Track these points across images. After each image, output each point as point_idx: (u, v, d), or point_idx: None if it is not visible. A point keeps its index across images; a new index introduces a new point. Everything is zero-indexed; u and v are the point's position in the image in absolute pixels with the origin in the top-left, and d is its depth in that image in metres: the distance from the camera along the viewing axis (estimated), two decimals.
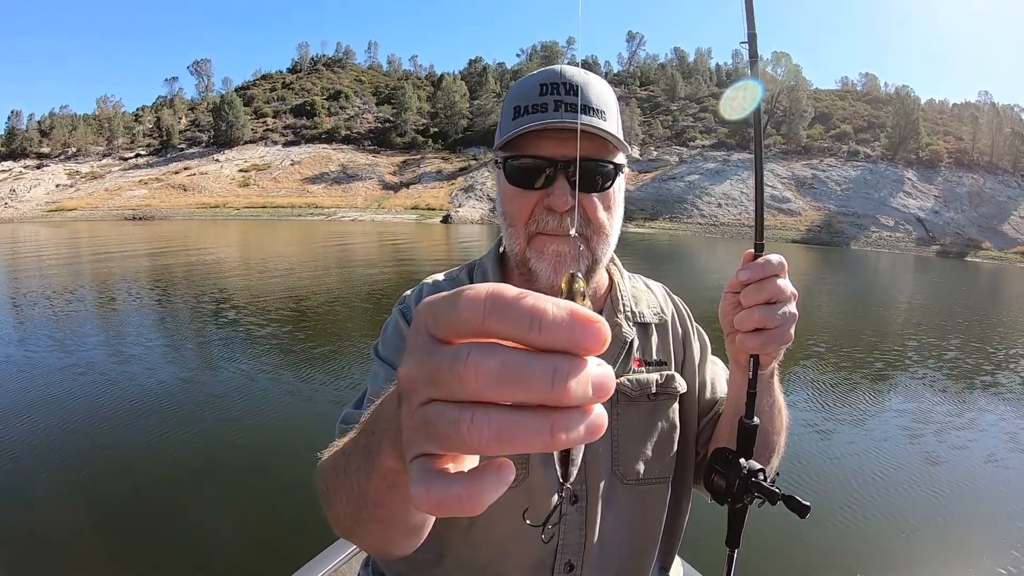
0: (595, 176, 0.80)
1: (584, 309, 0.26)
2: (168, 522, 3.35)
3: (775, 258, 0.73)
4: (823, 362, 7.54)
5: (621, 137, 0.83)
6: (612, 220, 0.84)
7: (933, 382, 6.87)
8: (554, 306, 0.26)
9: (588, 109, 0.79)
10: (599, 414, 0.27)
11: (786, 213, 49.02)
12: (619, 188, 0.85)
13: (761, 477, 0.76)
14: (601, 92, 0.82)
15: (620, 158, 0.84)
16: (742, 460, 0.76)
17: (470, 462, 0.32)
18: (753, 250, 0.76)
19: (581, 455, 0.32)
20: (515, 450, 0.26)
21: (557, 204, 0.78)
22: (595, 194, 0.81)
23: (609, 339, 0.26)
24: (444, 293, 0.28)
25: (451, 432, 0.27)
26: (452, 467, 0.30)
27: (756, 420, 0.77)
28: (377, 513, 0.51)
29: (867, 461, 4.52)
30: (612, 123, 0.81)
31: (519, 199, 0.82)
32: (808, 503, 0.72)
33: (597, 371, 0.26)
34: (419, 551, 0.80)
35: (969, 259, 39.37)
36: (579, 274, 0.29)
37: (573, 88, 0.79)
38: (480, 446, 0.26)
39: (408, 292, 0.96)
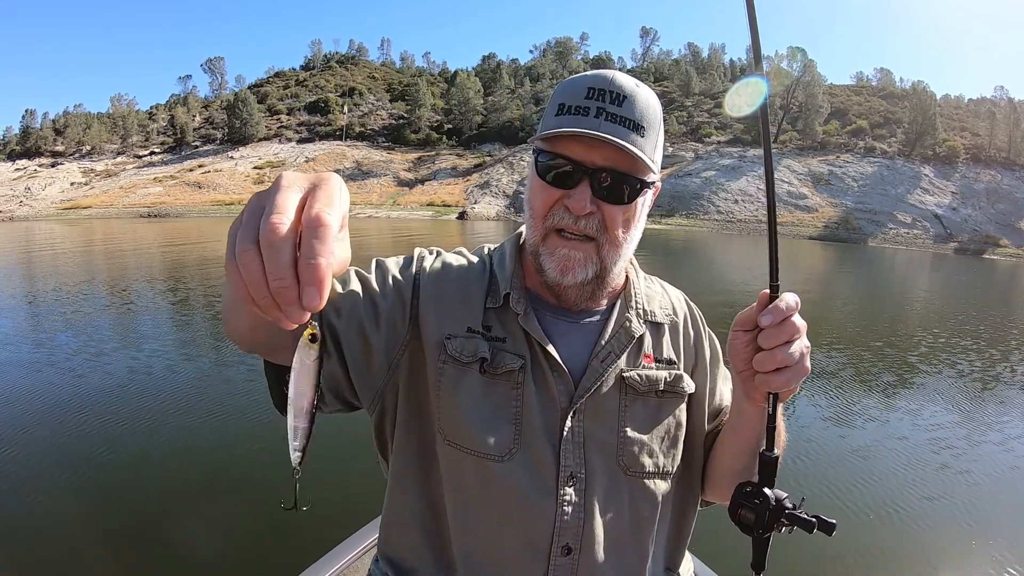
0: (621, 187, 0.81)
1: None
2: (175, 522, 3.30)
3: (792, 298, 0.73)
4: (849, 363, 7.46)
5: (658, 155, 0.84)
6: (629, 233, 0.85)
7: (968, 387, 6.61)
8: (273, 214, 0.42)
9: (628, 122, 0.79)
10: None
11: (803, 210, 48.74)
12: (643, 204, 0.85)
13: (789, 506, 0.76)
14: (647, 107, 0.81)
15: (651, 176, 0.83)
16: (767, 491, 0.77)
17: None
18: (769, 291, 0.75)
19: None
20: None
21: (576, 207, 0.80)
22: (617, 205, 0.81)
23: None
24: (260, 193, 0.45)
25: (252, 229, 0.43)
26: None
27: (776, 452, 0.79)
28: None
29: (888, 468, 4.39)
30: (650, 140, 0.81)
31: (542, 193, 0.83)
32: (833, 520, 0.73)
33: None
34: (419, 532, 0.92)
35: (986, 256, 39.22)
36: (316, 324, 0.47)
37: (618, 98, 0.79)
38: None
39: (426, 250, 0.99)
